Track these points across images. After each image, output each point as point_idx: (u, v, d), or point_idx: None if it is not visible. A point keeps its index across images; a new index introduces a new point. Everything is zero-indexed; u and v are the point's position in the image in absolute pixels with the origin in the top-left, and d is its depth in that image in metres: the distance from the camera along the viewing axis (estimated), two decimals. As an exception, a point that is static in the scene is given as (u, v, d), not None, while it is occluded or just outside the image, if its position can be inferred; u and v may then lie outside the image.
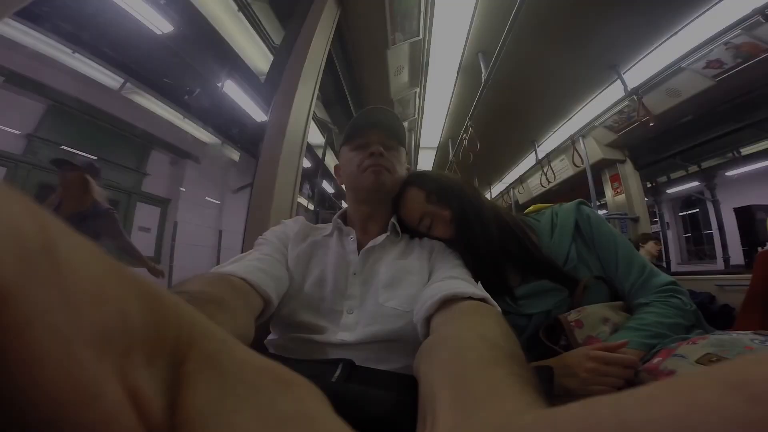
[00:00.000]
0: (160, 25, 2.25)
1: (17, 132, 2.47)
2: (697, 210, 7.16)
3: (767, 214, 3.06)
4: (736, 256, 5.36)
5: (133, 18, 2.13)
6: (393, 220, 0.92)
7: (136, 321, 0.12)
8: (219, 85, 2.69)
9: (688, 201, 7.33)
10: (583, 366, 0.69)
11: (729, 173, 6.39)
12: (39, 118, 2.70)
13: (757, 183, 6.19)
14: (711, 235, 6.83)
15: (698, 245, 7.47)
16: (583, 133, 3.82)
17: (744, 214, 3.35)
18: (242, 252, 0.82)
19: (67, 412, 0.09)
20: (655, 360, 0.69)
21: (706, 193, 6.57)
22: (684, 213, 7.47)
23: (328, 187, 5.01)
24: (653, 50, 2.65)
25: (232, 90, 2.74)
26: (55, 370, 0.09)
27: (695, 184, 6.77)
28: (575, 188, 4.75)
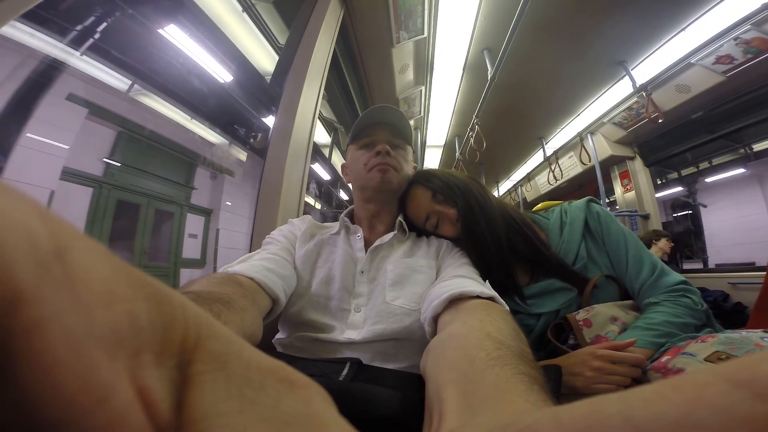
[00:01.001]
0: (165, 23, 2.29)
1: (98, 158, 2.90)
2: (690, 212, 7.18)
3: (694, 228, 3.15)
4: (715, 257, 5.85)
5: (136, 18, 2.16)
6: (400, 218, 0.92)
7: (145, 321, 0.12)
8: (225, 85, 2.71)
9: (684, 203, 7.38)
10: (590, 365, 0.68)
11: (708, 179, 6.51)
12: (112, 144, 3.07)
13: (739, 187, 6.35)
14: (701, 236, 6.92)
15: (688, 246, 7.54)
16: (592, 129, 3.78)
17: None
18: (250, 251, 0.83)
19: (78, 412, 0.09)
20: (664, 358, 0.68)
21: (692, 197, 6.64)
22: (677, 214, 7.54)
23: (344, 195, 5.10)
24: (662, 46, 2.62)
25: (238, 90, 2.75)
26: (68, 370, 0.09)
27: (679, 189, 6.84)
28: (584, 185, 4.71)
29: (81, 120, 2.64)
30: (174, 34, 2.33)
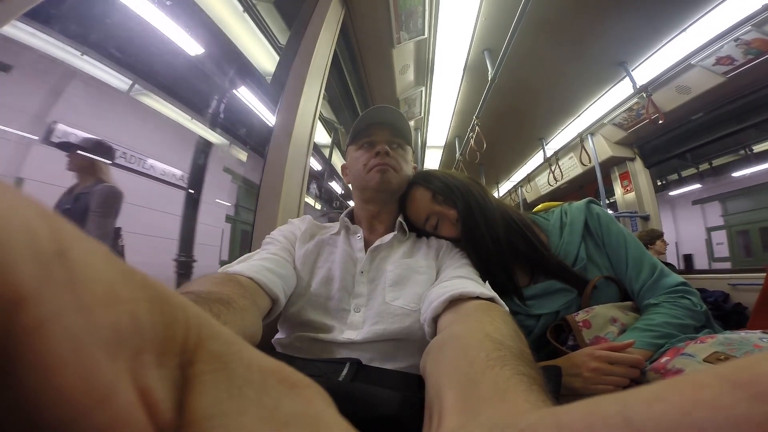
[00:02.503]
0: (167, 24, 2.29)
1: (232, 204, 4.61)
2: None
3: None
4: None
5: (138, 18, 2.18)
6: (400, 218, 0.92)
7: (146, 322, 0.12)
8: (225, 85, 2.72)
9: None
10: (588, 365, 0.68)
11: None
12: (237, 193, 4.69)
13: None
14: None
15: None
16: (592, 130, 3.78)
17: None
18: (251, 251, 0.83)
19: (80, 413, 0.09)
20: (663, 359, 0.68)
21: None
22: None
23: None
24: (662, 47, 2.62)
25: (239, 90, 2.76)
26: (70, 371, 0.09)
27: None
28: (584, 186, 4.71)
29: (229, 183, 4.37)
30: (175, 34, 2.34)
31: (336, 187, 5.39)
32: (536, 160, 4.94)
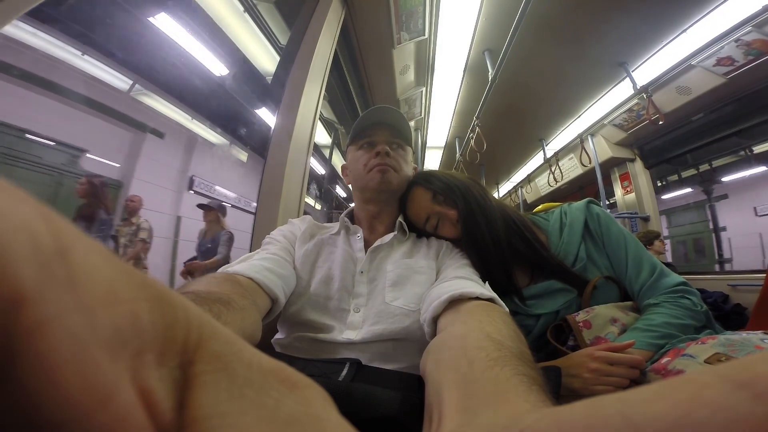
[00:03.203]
0: (167, 23, 2.29)
1: None
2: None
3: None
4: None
5: (139, 17, 2.18)
6: (400, 219, 0.92)
7: (147, 322, 0.12)
8: (226, 85, 2.72)
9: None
10: (587, 366, 0.68)
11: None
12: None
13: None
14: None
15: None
16: (592, 131, 3.78)
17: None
18: (251, 251, 0.82)
19: (81, 413, 0.09)
20: (664, 360, 0.68)
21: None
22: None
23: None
24: (662, 47, 2.62)
25: (239, 90, 2.76)
26: (71, 371, 0.09)
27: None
28: (584, 187, 4.70)
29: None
30: (176, 34, 2.34)
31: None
32: (536, 160, 4.94)
